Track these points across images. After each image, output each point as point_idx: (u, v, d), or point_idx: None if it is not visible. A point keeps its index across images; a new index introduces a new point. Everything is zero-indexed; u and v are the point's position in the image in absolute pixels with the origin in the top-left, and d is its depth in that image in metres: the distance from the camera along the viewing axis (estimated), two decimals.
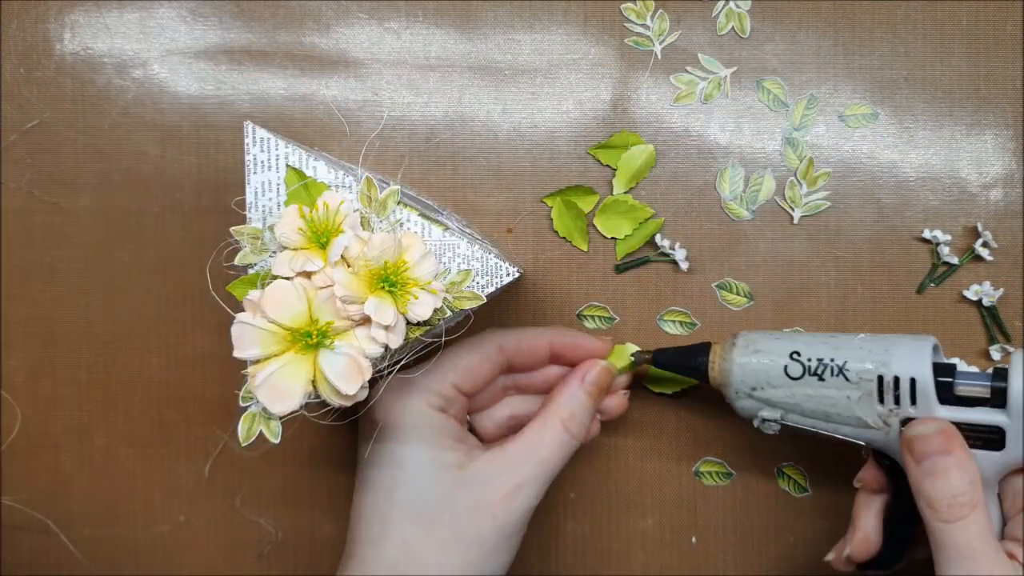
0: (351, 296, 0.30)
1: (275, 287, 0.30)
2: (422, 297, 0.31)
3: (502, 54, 0.42)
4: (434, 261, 0.31)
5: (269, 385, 0.29)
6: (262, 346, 0.30)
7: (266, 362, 0.30)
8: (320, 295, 0.30)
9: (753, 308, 0.42)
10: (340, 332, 0.30)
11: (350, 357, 0.30)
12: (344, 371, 0.30)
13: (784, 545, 0.43)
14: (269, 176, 0.32)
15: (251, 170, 0.32)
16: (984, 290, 0.41)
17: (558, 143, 0.42)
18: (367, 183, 0.32)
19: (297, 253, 0.31)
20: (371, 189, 0.32)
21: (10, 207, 0.42)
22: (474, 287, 0.32)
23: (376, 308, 0.30)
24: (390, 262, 0.30)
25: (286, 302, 0.30)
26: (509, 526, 0.35)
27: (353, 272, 0.30)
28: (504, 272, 0.32)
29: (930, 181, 0.42)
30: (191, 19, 0.42)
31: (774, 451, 0.42)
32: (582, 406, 0.37)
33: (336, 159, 0.36)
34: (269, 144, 0.32)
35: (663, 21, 0.42)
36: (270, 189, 0.32)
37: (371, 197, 0.32)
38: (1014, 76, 0.42)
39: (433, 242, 0.32)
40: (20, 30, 0.42)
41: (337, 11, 0.42)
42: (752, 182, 0.42)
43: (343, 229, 0.31)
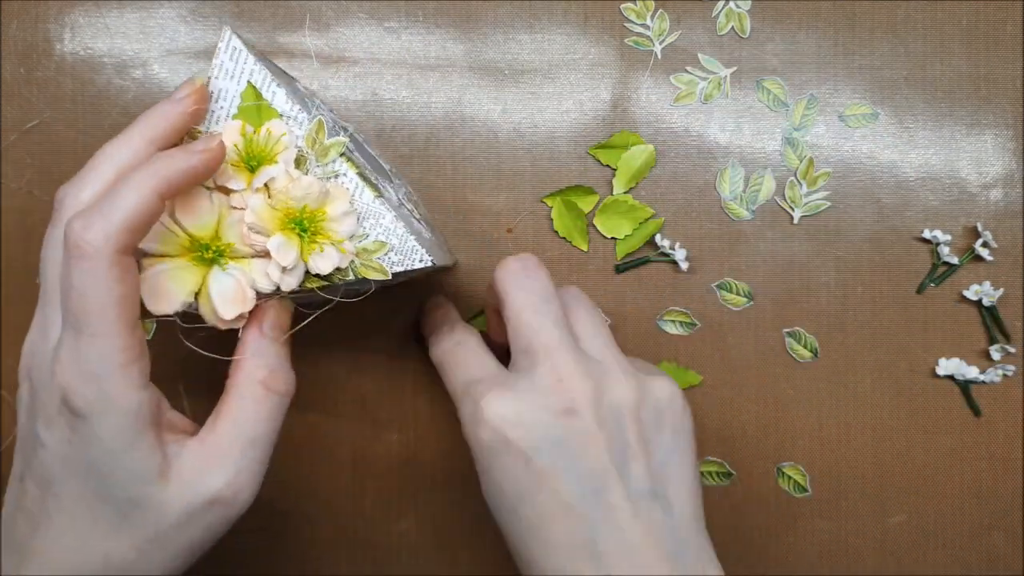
0: (259, 226, 0.30)
1: (192, 192, 0.30)
2: (328, 251, 0.30)
3: (502, 54, 0.42)
4: (354, 222, 0.31)
5: (153, 283, 0.29)
6: (160, 243, 0.29)
7: (158, 259, 0.30)
8: (232, 215, 0.30)
9: (753, 308, 0.42)
10: (238, 256, 0.30)
11: (238, 283, 0.30)
12: (229, 294, 0.30)
13: (784, 545, 0.43)
14: (229, 86, 0.31)
15: (214, 75, 0.31)
16: (984, 290, 0.41)
17: (558, 143, 0.42)
18: (318, 125, 0.31)
19: (225, 167, 0.30)
20: (320, 133, 0.31)
21: (10, 207, 0.42)
22: (385, 261, 0.31)
23: (279, 246, 0.30)
24: (309, 207, 0.30)
25: (198, 210, 0.30)
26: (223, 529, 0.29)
27: (270, 204, 0.30)
28: (417, 257, 0.32)
29: (930, 181, 0.42)
30: (191, 19, 0.42)
31: (774, 451, 0.42)
32: (277, 356, 0.31)
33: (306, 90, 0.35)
34: (239, 56, 0.31)
35: (663, 21, 0.42)
36: (225, 99, 0.31)
37: (317, 140, 0.31)
38: (1014, 76, 0.42)
39: (361, 204, 0.32)
40: (20, 30, 0.42)
41: (337, 11, 0.42)
42: (752, 182, 0.42)
43: (276, 160, 0.30)
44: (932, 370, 0.42)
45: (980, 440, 0.42)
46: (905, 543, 0.43)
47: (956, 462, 0.42)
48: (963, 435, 0.42)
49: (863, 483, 0.42)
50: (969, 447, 0.42)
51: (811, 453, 0.42)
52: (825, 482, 0.43)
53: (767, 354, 0.42)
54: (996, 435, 0.42)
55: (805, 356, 0.42)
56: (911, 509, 0.42)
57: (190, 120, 0.30)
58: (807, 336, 0.42)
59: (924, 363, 0.42)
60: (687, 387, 0.42)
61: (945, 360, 0.42)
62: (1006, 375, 0.42)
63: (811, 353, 0.42)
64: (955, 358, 0.42)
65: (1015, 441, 0.42)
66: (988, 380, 0.42)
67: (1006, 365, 0.42)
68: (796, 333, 0.42)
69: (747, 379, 0.42)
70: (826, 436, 0.42)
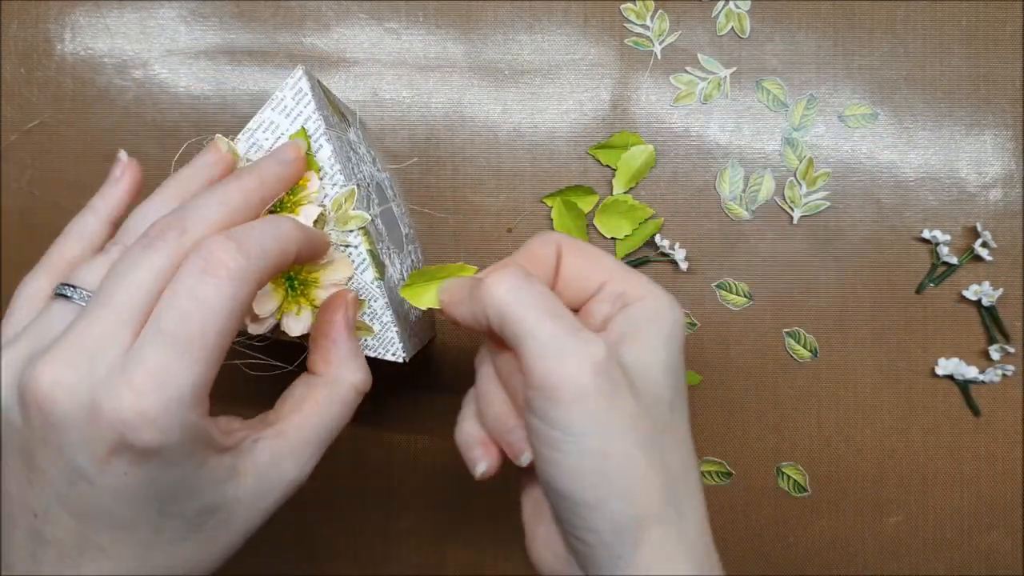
0: None
1: None
2: (304, 315, 0.31)
3: (502, 54, 0.42)
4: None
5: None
6: None
7: None
8: None
9: (753, 308, 0.42)
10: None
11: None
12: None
13: (784, 545, 0.43)
14: (281, 122, 0.31)
15: (271, 105, 0.31)
16: (983, 290, 0.41)
17: (558, 143, 0.42)
18: (348, 194, 0.31)
19: None
20: (348, 201, 0.32)
21: (10, 207, 0.42)
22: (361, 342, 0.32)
23: (262, 293, 0.30)
24: (307, 268, 0.30)
25: None
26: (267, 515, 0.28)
27: None
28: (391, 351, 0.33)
29: (930, 181, 0.42)
30: (191, 19, 0.42)
31: (774, 451, 0.43)
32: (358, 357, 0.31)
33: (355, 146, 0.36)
34: (302, 99, 0.31)
35: (663, 21, 0.42)
36: (273, 132, 0.32)
37: (343, 206, 0.32)
38: (1014, 76, 0.42)
39: (360, 280, 0.32)
40: (20, 30, 0.42)
41: (337, 11, 0.42)
42: (752, 182, 0.42)
43: (298, 212, 0.31)
44: (932, 370, 0.42)
45: (980, 440, 0.42)
46: (905, 543, 0.43)
47: (956, 462, 0.42)
48: (963, 435, 0.42)
49: (863, 483, 0.42)
50: (969, 447, 0.42)
51: (811, 453, 0.42)
52: (825, 482, 0.43)
53: (767, 354, 0.42)
54: (996, 435, 0.42)
55: (805, 356, 0.42)
56: (911, 509, 0.42)
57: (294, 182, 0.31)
58: (807, 336, 0.42)
59: (924, 363, 0.42)
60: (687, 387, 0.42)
61: (945, 360, 0.42)
62: (1005, 375, 0.42)
63: (811, 353, 0.42)
64: (955, 358, 0.42)
65: (1015, 441, 0.42)
66: (987, 380, 0.42)
67: (1005, 365, 0.42)
68: (796, 333, 0.42)
69: (747, 379, 0.42)
70: (826, 436, 0.42)
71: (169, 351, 0.23)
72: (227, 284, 0.24)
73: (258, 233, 0.26)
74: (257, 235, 0.26)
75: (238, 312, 0.25)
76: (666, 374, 0.27)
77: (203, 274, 0.24)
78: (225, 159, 0.31)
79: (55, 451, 0.24)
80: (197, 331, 0.24)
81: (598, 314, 0.29)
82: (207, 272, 0.24)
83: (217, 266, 0.24)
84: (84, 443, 0.23)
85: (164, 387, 0.23)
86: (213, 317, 0.24)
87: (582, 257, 0.29)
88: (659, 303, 0.28)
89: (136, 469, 0.24)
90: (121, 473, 0.24)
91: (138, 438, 0.23)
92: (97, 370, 0.24)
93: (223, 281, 0.24)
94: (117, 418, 0.23)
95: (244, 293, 0.25)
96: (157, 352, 0.23)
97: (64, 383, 0.24)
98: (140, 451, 0.23)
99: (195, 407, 0.24)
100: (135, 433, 0.23)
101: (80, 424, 0.23)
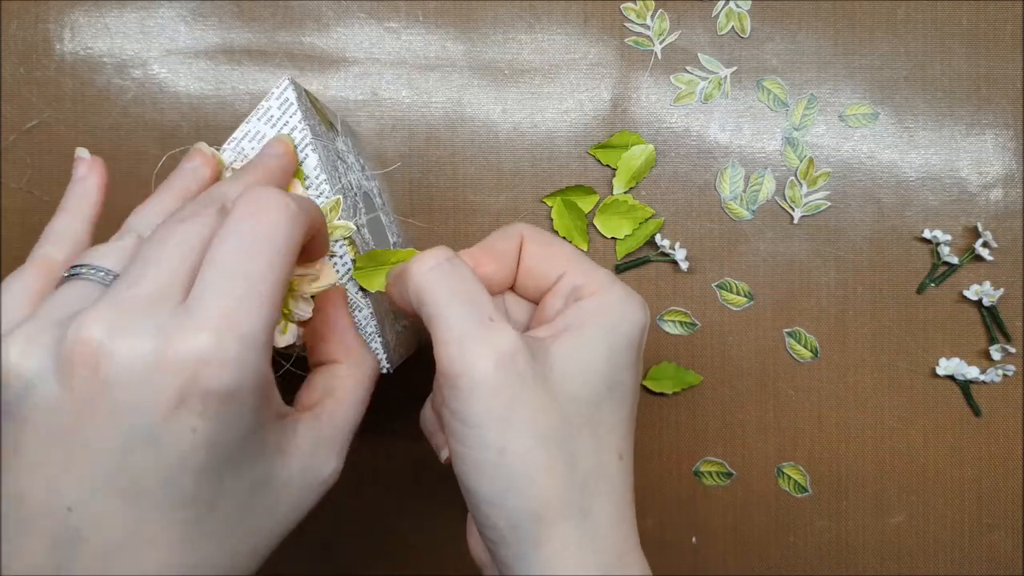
0: None
1: None
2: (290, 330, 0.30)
3: (502, 54, 0.42)
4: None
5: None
6: None
7: None
8: None
9: (753, 308, 0.42)
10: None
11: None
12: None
13: (784, 545, 0.43)
14: (267, 132, 0.31)
15: (256, 115, 0.31)
16: (984, 290, 0.41)
17: (558, 143, 0.42)
18: (334, 203, 0.31)
19: None
20: (333, 211, 0.31)
21: (10, 207, 0.42)
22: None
23: None
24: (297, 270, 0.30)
25: None
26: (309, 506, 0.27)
27: None
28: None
29: (930, 181, 0.42)
30: (191, 19, 0.42)
31: (774, 451, 0.42)
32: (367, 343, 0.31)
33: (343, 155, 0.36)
34: (288, 109, 0.31)
35: (663, 21, 0.42)
36: (260, 142, 0.31)
37: (329, 216, 0.31)
38: (1014, 76, 0.42)
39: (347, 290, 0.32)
40: (20, 30, 0.42)
41: (337, 11, 0.42)
42: (752, 182, 0.42)
43: None
44: (932, 370, 0.42)
45: (980, 440, 0.42)
46: (905, 543, 0.43)
47: (956, 462, 0.42)
48: (963, 435, 0.42)
49: (863, 483, 0.42)
50: (969, 447, 0.42)
51: (811, 453, 0.42)
52: (825, 482, 0.42)
53: (767, 354, 0.42)
54: (996, 435, 0.42)
55: (805, 356, 0.42)
56: (911, 509, 0.42)
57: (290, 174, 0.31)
58: (807, 336, 0.42)
59: (924, 363, 0.42)
60: (687, 387, 0.42)
61: (945, 360, 0.42)
62: (1006, 375, 0.42)
63: (811, 353, 0.42)
64: (955, 358, 0.42)
65: (1015, 441, 0.42)
66: (988, 380, 0.42)
67: (1006, 365, 0.41)
68: (796, 333, 0.42)
69: (747, 379, 0.42)
70: (826, 436, 0.42)
71: (236, 288, 0.22)
72: (284, 221, 0.23)
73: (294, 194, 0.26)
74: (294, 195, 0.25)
75: (293, 255, 0.24)
76: (596, 371, 0.26)
77: (257, 213, 0.23)
78: (211, 160, 0.30)
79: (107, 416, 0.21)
80: (262, 266, 0.22)
81: (551, 307, 0.28)
82: (261, 211, 0.23)
83: (270, 205, 0.23)
84: (147, 396, 0.21)
85: (239, 323, 0.21)
86: (275, 253, 0.23)
87: (542, 247, 0.29)
88: (610, 298, 0.27)
89: (205, 423, 0.21)
90: (189, 429, 0.21)
91: (217, 379, 0.21)
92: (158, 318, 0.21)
93: (280, 218, 0.23)
94: (190, 358, 0.21)
95: (297, 235, 0.24)
96: (226, 286, 0.22)
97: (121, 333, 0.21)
98: (215, 395, 0.21)
99: (267, 349, 0.22)
100: (212, 374, 0.21)
101: (143, 374, 0.21)
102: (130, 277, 0.23)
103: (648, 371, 0.42)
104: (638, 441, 0.43)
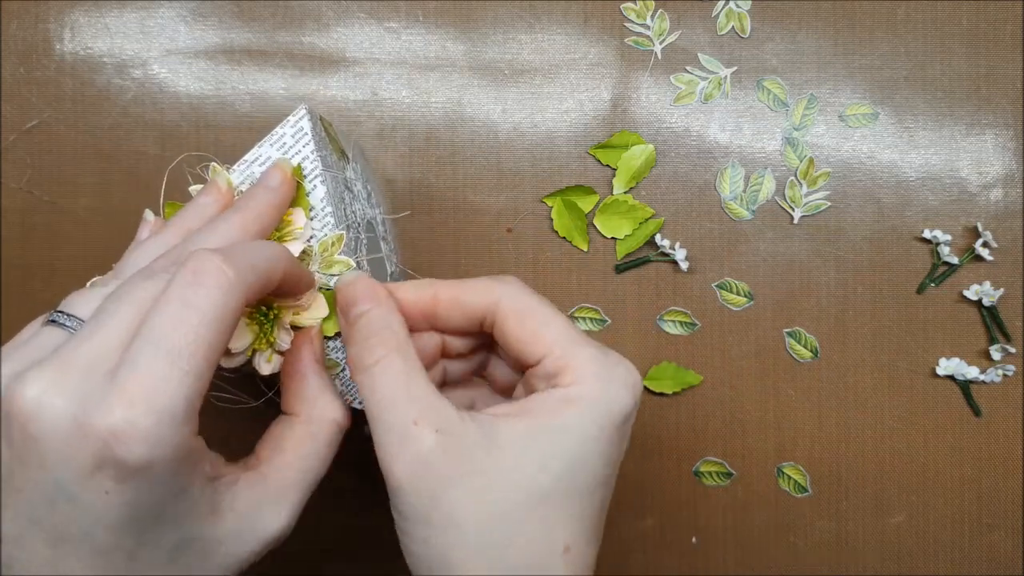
0: None
1: None
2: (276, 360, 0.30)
3: (502, 54, 0.42)
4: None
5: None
6: None
7: None
8: None
9: (753, 308, 0.42)
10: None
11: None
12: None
13: (784, 545, 0.43)
14: (278, 157, 0.31)
15: (269, 140, 0.31)
16: (984, 290, 0.41)
17: (558, 143, 0.42)
18: (336, 238, 0.31)
19: None
20: (335, 245, 0.31)
21: (10, 207, 0.42)
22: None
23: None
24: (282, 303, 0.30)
25: None
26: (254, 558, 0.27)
27: None
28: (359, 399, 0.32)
29: (930, 181, 0.42)
30: (191, 19, 0.42)
31: (774, 451, 0.42)
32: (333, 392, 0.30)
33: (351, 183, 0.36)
34: (302, 138, 0.31)
35: (663, 21, 0.42)
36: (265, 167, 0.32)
37: (330, 249, 0.31)
38: (1014, 76, 0.42)
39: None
40: (20, 30, 0.42)
41: (337, 11, 0.42)
42: (752, 182, 0.42)
43: None
44: (932, 370, 0.42)
45: (980, 440, 0.42)
46: (905, 543, 0.43)
47: (956, 462, 0.42)
48: (963, 435, 0.42)
49: (863, 483, 0.42)
50: (969, 447, 0.42)
51: (811, 453, 0.42)
52: (825, 482, 0.42)
53: (767, 354, 0.42)
54: (996, 435, 0.42)
55: (805, 356, 0.42)
56: (911, 509, 0.42)
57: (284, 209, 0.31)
58: (807, 336, 0.42)
59: (924, 363, 0.42)
60: (687, 387, 0.42)
61: (945, 360, 0.42)
62: (1006, 375, 0.42)
63: (811, 353, 0.42)
64: (955, 358, 0.42)
65: (1015, 441, 0.42)
66: (988, 380, 0.42)
67: (1006, 365, 0.41)
68: (796, 333, 0.42)
69: (747, 379, 0.42)
70: (826, 436, 0.42)
71: (160, 360, 0.22)
72: (217, 292, 0.24)
73: (246, 249, 0.26)
74: (244, 251, 0.25)
75: (228, 324, 0.24)
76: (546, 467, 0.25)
77: (192, 284, 0.24)
78: (222, 199, 0.30)
79: (36, 468, 0.23)
80: (189, 339, 0.23)
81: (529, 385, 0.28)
82: (196, 282, 0.24)
83: (206, 275, 0.24)
84: (68, 457, 0.22)
85: (155, 398, 0.22)
86: (204, 326, 0.23)
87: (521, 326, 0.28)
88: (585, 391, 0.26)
89: (120, 487, 0.22)
90: (104, 491, 0.23)
91: (127, 451, 0.22)
92: (86, 385, 0.23)
93: (212, 289, 0.24)
94: (105, 429, 0.22)
95: (233, 304, 0.24)
96: (148, 361, 0.22)
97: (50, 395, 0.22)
98: (127, 466, 0.22)
99: (186, 422, 0.23)
100: (124, 446, 0.22)
101: (65, 437, 0.22)
102: (82, 335, 0.24)
103: (648, 371, 0.42)
104: (638, 441, 0.43)
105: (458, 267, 0.42)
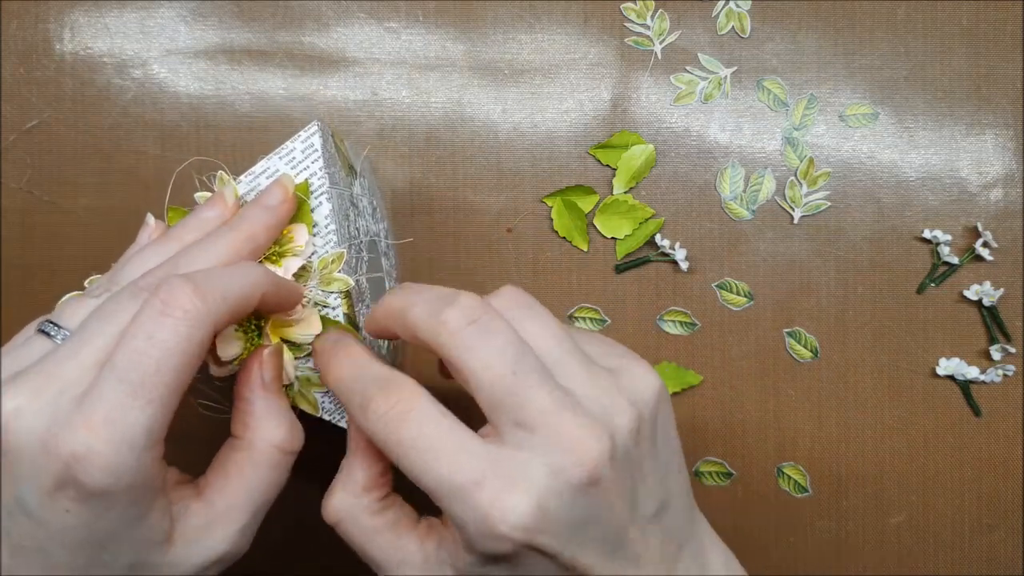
0: None
1: None
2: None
3: (502, 54, 0.42)
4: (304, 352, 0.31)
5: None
6: None
7: None
8: None
9: (753, 308, 0.42)
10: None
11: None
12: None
13: (784, 545, 0.43)
14: (285, 171, 0.31)
15: (279, 153, 0.31)
16: (984, 290, 0.41)
17: (558, 143, 0.42)
18: (337, 256, 0.31)
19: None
20: (335, 263, 0.31)
21: (10, 207, 0.42)
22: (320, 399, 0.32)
23: (225, 336, 0.29)
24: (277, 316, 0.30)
25: None
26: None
27: None
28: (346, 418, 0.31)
29: (930, 181, 0.42)
30: (191, 19, 0.42)
31: (774, 451, 0.42)
32: (288, 413, 0.29)
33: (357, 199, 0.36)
34: (311, 154, 0.31)
35: (663, 21, 0.42)
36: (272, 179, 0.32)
37: (330, 267, 0.31)
38: (1014, 76, 0.42)
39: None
40: (20, 30, 0.42)
41: (337, 11, 0.42)
42: (752, 182, 0.42)
43: (280, 263, 0.30)
44: (932, 370, 0.42)
45: (980, 440, 0.42)
46: (905, 543, 0.43)
47: (956, 462, 0.42)
48: (963, 435, 0.42)
49: (863, 483, 0.42)
50: (969, 447, 0.42)
51: (811, 453, 0.42)
52: (825, 482, 0.42)
53: (767, 354, 0.42)
54: (996, 435, 0.42)
55: (805, 356, 0.42)
56: (911, 509, 0.42)
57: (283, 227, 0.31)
58: (807, 336, 0.42)
59: (924, 363, 0.42)
60: (687, 387, 0.42)
61: (945, 360, 0.42)
62: (1006, 375, 0.42)
63: (811, 353, 0.42)
64: (955, 358, 0.42)
65: (1015, 441, 0.42)
66: (988, 380, 0.42)
67: (1006, 365, 0.42)
68: (796, 333, 0.42)
69: (747, 379, 0.42)
70: (826, 436, 0.42)
71: (122, 391, 0.23)
72: (183, 325, 0.24)
73: (219, 276, 0.26)
74: (219, 279, 0.25)
75: (194, 354, 0.24)
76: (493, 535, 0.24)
77: (159, 315, 0.24)
78: (227, 214, 0.31)
79: (6, 477, 0.24)
80: (151, 371, 0.23)
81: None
82: (163, 313, 0.24)
83: (174, 307, 0.24)
84: (32, 474, 0.23)
85: (116, 427, 0.23)
86: (167, 358, 0.24)
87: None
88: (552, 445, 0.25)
89: (79, 507, 0.23)
90: (63, 510, 0.23)
91: (87, 476, 0.23)
92: (59, 404, 0.24)
93: (179, 322, 0.24)
94: (68, 452, 0.23)
95: (200, 335, 0.24)
96: (111, 391, 0.23)
97: (23, 411, 0.23)
98: (87, 489, 0.23)
99: (148, 450, 0.24)
100: (84, 470, 0.23)
101: (31, 454, 0.23)
102: (61, 353, 0.25)
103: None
104: None
105: (458, 267, 0.42)
